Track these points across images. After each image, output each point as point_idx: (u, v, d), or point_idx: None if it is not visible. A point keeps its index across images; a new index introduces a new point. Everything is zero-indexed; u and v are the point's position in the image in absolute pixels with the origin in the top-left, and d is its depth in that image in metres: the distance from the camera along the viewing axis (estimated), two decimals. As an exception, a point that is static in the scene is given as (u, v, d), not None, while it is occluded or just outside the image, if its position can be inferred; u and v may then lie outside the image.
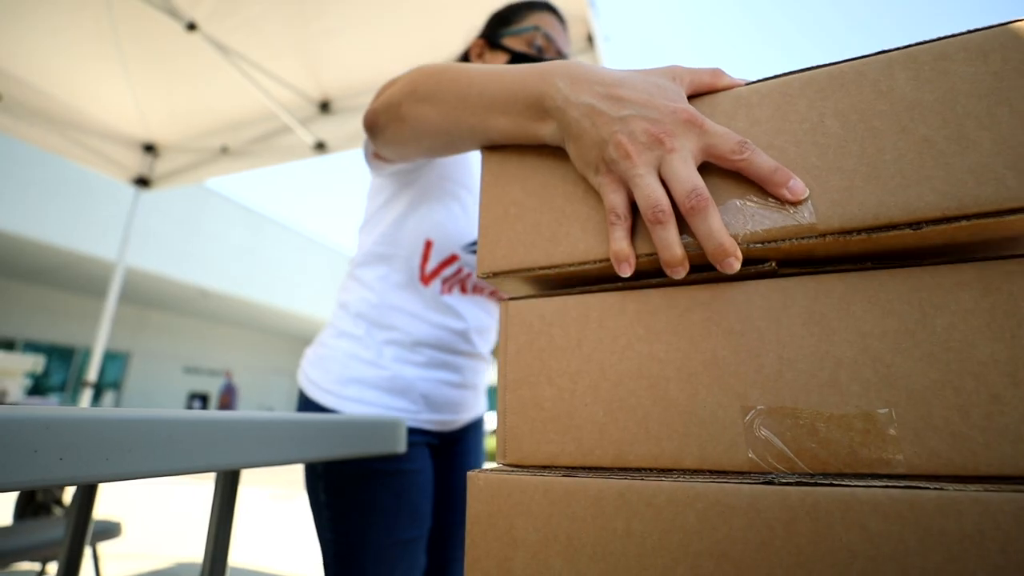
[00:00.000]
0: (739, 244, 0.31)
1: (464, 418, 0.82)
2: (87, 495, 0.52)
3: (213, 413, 0.37)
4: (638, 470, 0.28)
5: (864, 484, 0.23)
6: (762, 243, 0.31)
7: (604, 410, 0.29)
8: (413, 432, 0.72)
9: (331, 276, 13.11)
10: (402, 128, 0.49)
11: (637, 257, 0.33)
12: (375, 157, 0.70)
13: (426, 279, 0.75)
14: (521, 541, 0.27)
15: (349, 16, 1.89)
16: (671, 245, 0.31)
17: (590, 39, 1.79)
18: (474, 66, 0.44)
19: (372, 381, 0.72)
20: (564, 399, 0.30)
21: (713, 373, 0.28)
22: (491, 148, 0.43)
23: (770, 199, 0.31)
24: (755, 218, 0.31)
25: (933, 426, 0.24)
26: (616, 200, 0.33)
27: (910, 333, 0.25)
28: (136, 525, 3.55)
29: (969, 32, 0.29)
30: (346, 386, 0.71)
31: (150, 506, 4.35)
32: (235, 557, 2.87)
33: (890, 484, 0.23)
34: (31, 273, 9.03)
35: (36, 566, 2.17)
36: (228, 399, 11.27)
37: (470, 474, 0.30)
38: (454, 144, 0.47)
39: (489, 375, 0.90)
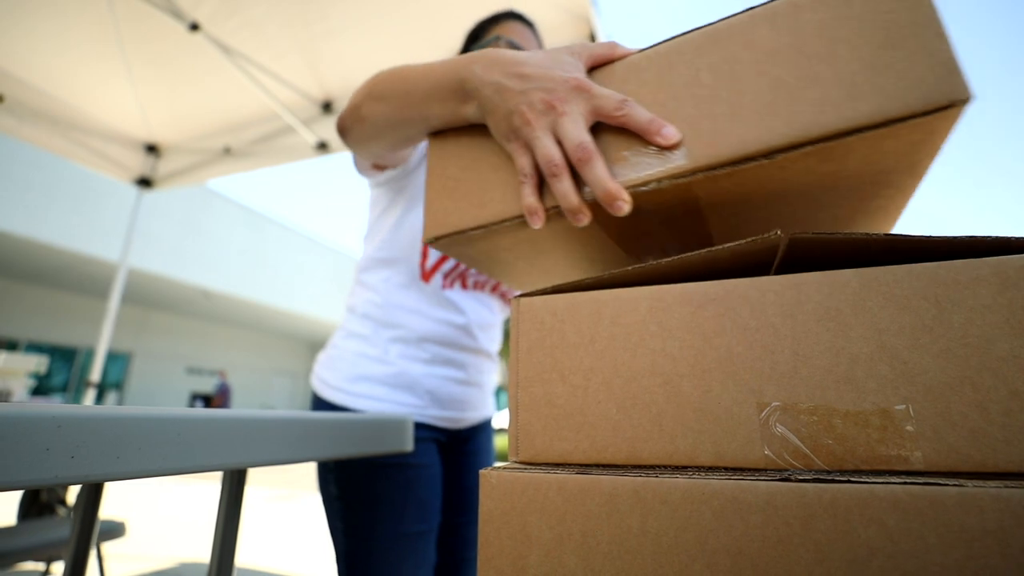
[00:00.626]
0: (627, 189, 0.36)
1: (471, 416, 0.83)
2: (93, 494, 0.52)
3: (223, 412, 0.36)
4: (652, 467, 0.28)
5: (882, 481, 0.23)
6: (645, 185, 0.36)
7: (617, 407, 0.29)
8: (420, 427, 0.74)
9: (332, 276, 13.12)
10: (364, 127, 0.55)
11: (546, 210, 0.39)
12: (372, 167, 0.74)
13: (427, 275, 0.77)
14: (535, 539, 0.27)
15: (351, 16, 1.89)
16: (567, 194, 0.37)
17: (592, 38, 1.79)
18: (417, 64, 0.50)
19: (380, 377, 0.74)
20: (577, 396, 0.30)
21: (727, 370, 0.27)
22: (434, 134, 0.49)
23: (650, 147, 0.36)
24: (639, 166, 0.36)
25: (951, 422, 0.24)
26: (524, 162, 0.39)
27: (927, 329, 0.25)
28: (139, 525, 3.56)
29: None
30: (355, 383, 0.73)
31: (153, 506, 4.36)
32: (237, 557, 2.87)
33: (908, 480, 0.23)
34: (34, 274, 9.05)
35: (40, 566, 2.17)
36: (221, 400, 11.23)
37: (482, 472, 0.29)
38: (408, 135, 0.52)
39: (496, 375, 0.91)
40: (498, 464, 0.32)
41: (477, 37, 0.84)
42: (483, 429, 0.88)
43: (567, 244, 0.46)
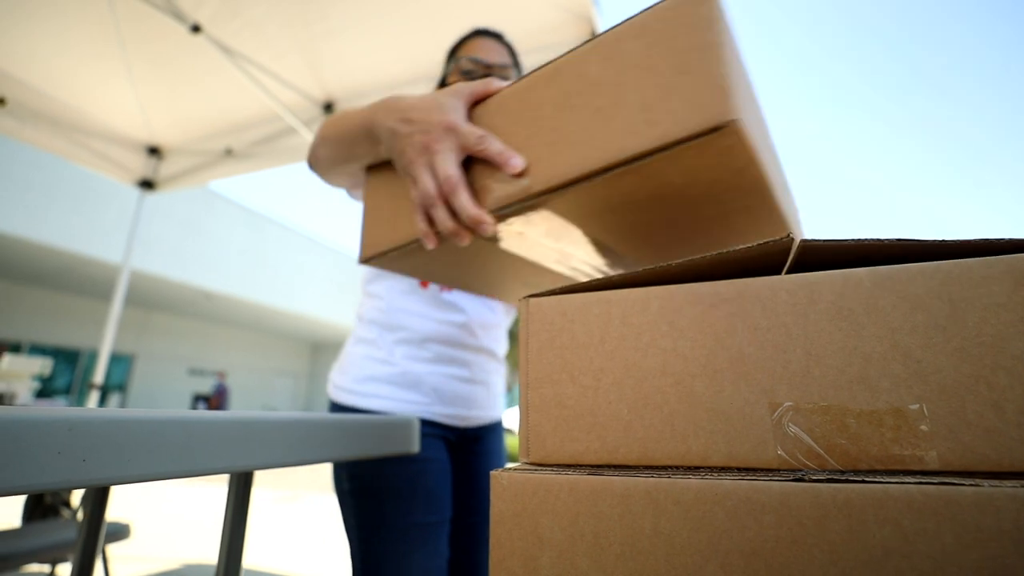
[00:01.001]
0: (491, 212, 0.41)
1: (478, 415, 0.84)
2: (100, 497, 0.52)
3: (231, 414, 0.36)
4: (664, 468, 0.28)
5: (897, 480, 0.23)
6: (502, 208, 0.41)
7: (628, 408, 0.29)
8: (426, 424, 0.76)
9: (334, 277, 13.12)
10: (321, 164, 0.62)
11: (436, 233, 0.45)
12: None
13: (424, 281, 0.81)
14: (547, 540, 0.27)
15: (352, 17, 1.89)
16: (444, 220, 0.43)
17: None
18: (349, 110, 0.57)
19: (386, 377, 0.77)
20: (587, 396, 0.30)
21: (739, 370, 0.27)
22: (369, 168, 0.55)
23: (505, 175, 0.40)
24: (498, 192, 0.41)
25: (966, 421, 0.23)
26: (414, 193, 0.45)
27: (941, 328, 0.25)
28: (144, 526, 3.56)
29: (637, 14, 0.36)
30: (363, 384, 0.77)
31: (157, 507, 4.37)
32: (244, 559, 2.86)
33: (923, 480, 0.22)
34: (36, 276, 9.06)
35: (45, 568, 2.18)
36: (218, 401, 11.14)
37: (493, 473, 0.29)
38: (351, 170, 0.58)
39: (503, 377, 0.93)
40: (509, 465, 0.32)
41: (450, 59, 0.89)
42: (493, 430, 0.90)
43: (482, 256, 0.51)
